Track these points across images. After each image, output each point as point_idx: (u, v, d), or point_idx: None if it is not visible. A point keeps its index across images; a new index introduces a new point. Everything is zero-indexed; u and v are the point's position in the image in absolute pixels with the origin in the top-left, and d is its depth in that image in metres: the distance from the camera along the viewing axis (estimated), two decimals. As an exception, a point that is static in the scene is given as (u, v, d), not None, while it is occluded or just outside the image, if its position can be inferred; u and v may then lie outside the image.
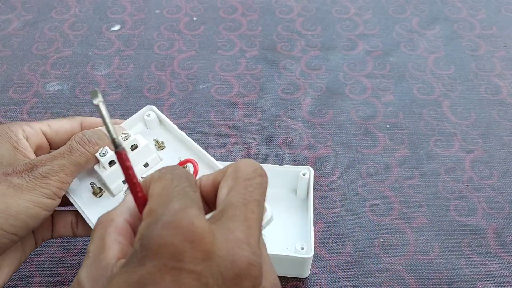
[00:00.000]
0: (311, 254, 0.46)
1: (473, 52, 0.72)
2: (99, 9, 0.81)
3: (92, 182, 0.43)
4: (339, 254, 0.52)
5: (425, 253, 0.52)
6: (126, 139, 0.42)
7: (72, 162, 0.39)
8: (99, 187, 0.43)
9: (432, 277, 0.50)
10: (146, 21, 0.78)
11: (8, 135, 0.40)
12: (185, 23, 0.78)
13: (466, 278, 0.50)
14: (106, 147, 0.41)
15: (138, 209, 0.29)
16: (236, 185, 0.29)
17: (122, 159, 0.28)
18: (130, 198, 0.30)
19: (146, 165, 0.44)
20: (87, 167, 0.41)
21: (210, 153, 0.61)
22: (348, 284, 0.50)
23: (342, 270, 0.50)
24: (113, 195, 0.43)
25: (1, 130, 0.41)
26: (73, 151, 0.39)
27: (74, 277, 0.50)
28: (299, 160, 0.60)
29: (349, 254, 0.52)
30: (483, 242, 0.52)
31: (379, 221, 0.54)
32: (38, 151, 0.42)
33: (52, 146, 0.43)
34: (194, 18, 0.79)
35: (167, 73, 0.70)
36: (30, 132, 0.41)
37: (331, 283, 0.50)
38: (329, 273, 0.50)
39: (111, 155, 0.41)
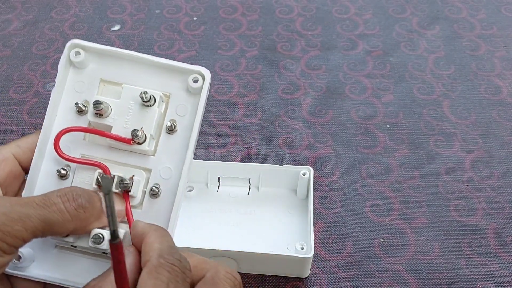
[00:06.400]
0: (311, 254, 0.46)
1: (473, 52, 0.72)
2: (99, 9, 0.81)
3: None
4: (339, 254, 0.52)
5: (425, 253, 0.52)
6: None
7: (42, 216, 0.29)
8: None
9: (432, 277, 0.50)
10: (146, 21, 0.78)
11: None
12: (185, 23, 0.78)
13: (466, 278, 0.50)
14: (100, 232, 0.33)
15: None
16: None
17: (117, 252, 0.27)
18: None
19: None
20: (58, 232, 0.31)
21: (210, 153, 0.61)
22: (348, 284, 0.50)
23: (342, 270, 0.51)
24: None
25: None
26: (48, 204, 0.30)
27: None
28: (299, 160, 0.60)
29: (349, 254, 0.52)
30: (483, 242, 0.52)
31: (379, 221, 0.54)
32: (9, 180, 0.35)
33: (27, 170, 0.36)
34: (194, 18, 0.79)
35: (167, 73, 0.70)
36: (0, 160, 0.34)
37: (331, 283, 0.50)
38: (329, 273, 0.50)
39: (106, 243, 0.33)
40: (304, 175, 0.53)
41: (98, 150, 0.36)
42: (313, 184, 0.53)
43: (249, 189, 0.55)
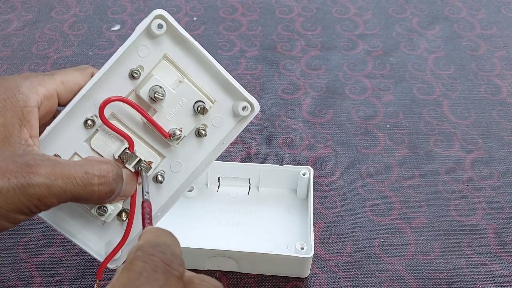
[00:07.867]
0: (311, 254, 0.46)
1: (473, 52, 0.72)
2: (99, 9, 0.81)
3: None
4: (339, 254, 0.52)
5: (425, 253, 0.52)
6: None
7: (76, 193, 0.31)
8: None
9: (432, 277, 0.50)
10: (146, 21, 0.78)
11: (15, 100, 0.31)
12: (185, 23, 0.78)
13: (466, 278, 0.50)
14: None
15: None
16: None
17: (145, 208, 0.33)
18: None
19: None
20: (85, 202, 0.34)
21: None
22: (348, 284, 0.50)
23: (342, 270, 0.51)
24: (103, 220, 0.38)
25: (8, 90, 0.31)
26: (86, 184, 0.32)
27: (74, 277, 0.50)
28: (299, 160, 0.60)
29: (349, 254, 0.52)
30: (483, 242, 0.52)
31: (379, 221, 0.54)
32: (46, 116, 0.35)
33: (61, 104, 0.35)
34: (194, 18, 0.79)
35: (167, 73, 0.70)
36: (45, 97, 0.33)
37: (331, 283, 0.50)
38: (329, 273, 0.50)
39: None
40: (304, 175, 0.53)
41: (130, 119, 0.37)
42: (313, 184, 0.53)
43: (249, 189, 0.55)
